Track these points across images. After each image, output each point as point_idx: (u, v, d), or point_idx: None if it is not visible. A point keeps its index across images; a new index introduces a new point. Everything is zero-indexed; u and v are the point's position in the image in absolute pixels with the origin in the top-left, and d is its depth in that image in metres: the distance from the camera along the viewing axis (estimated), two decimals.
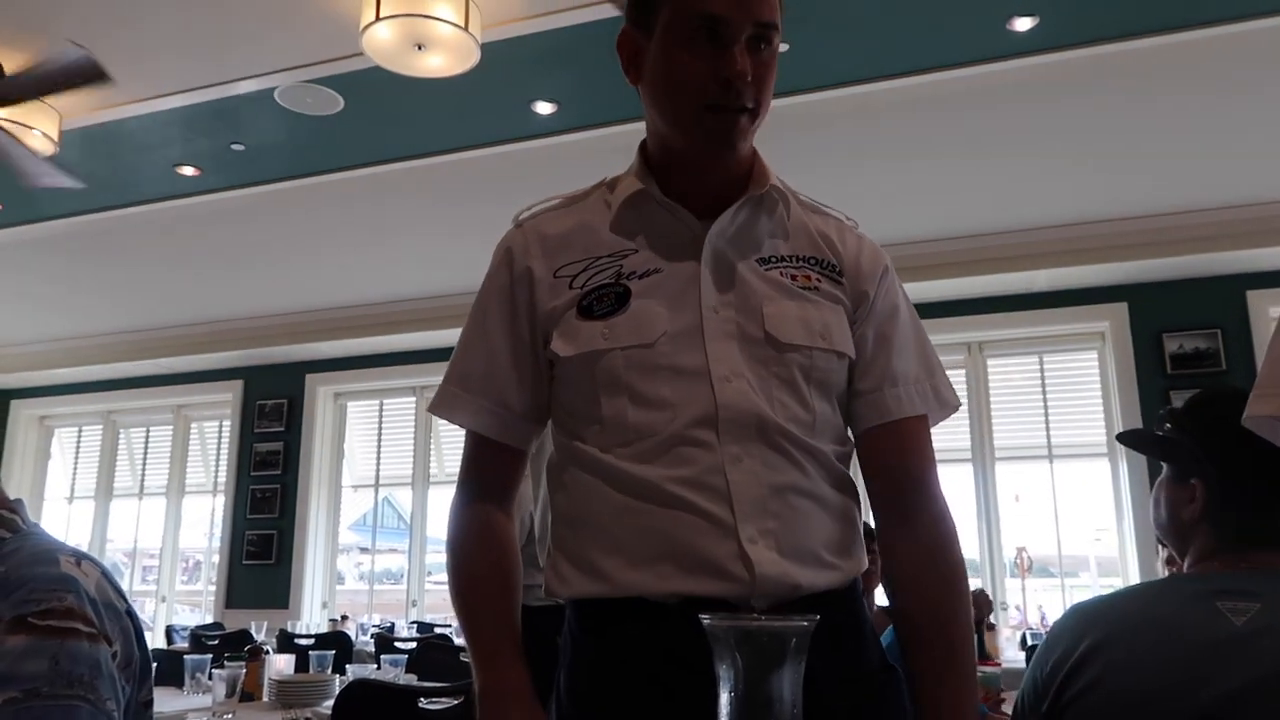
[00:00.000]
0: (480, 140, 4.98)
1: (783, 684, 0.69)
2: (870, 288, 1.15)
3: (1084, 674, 1.13)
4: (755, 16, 1.04)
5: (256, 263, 6.24)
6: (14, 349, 7.32)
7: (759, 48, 1.06)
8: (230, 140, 5.06)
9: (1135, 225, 4.93)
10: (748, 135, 1.09)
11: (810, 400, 1.09)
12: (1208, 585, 1.15)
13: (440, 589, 6.83)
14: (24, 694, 0.93)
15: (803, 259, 1.14)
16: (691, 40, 1.05)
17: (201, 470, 7.44)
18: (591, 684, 1.06)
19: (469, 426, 1.17)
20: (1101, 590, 5.53)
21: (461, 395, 1.16)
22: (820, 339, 1.09)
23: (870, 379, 1.14)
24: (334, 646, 3.86)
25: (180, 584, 7.48)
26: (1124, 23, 3.87)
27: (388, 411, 7.00)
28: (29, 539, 1.12)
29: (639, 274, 1.10)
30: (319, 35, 3.98)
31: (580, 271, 1.12)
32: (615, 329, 1.07)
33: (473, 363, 1.16)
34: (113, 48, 4.14)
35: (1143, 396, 5.09)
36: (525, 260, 1.14)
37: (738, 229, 1.13)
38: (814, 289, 1.12)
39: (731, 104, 1.05)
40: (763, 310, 1.09)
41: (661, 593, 1.02)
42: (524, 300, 1.13)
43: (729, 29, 1.04)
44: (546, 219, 1.17)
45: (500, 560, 1.14)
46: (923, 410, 1.15)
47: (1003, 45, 4.04)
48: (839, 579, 1.07)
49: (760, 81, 1.07)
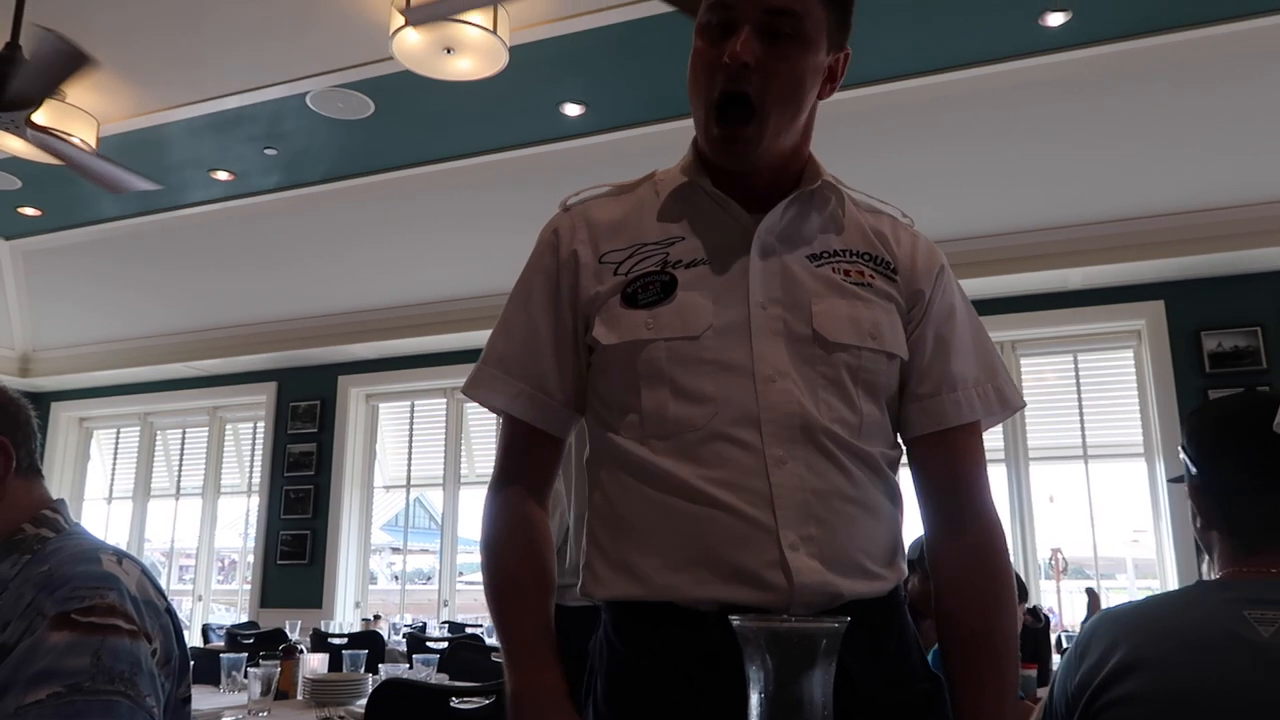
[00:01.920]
0: (509, 142, 5.01)
1: (813, 685, 0.68)
2: (925, 286, 1.12)
3: (1115, 686, 1.12)
4: (763, 2, 1.00)
5: (289, 266, 6.32)
6: (54, 352, 7.47)
7: (774, 39, 1.01)
8: (263, 145, 5.13)
9: (1172, 222, 4.85)
10: (758, 143, 1.04)
11: (857, 401, 1.05)
12: (1235, 593, 1.13)
13: (471, 589, 6.87)
14: (67, 689, 0.95)
15: (856, 254, 1.11)
16: (705, 29, 1.03)
17: (236, 471, 7.54)
18: (628, 690, 1.04)
19: (504, 410, 1.12)
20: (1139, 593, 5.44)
21: (499, 377, 1.12)
22: (870, 338, 1.06)
23: (928, 383, 1.10)
24: (367, 646, 3.89)
25: (216, 583, 7.58)
26: (1157, 16, 3.81)
27: (419, 412, 7.05)
28: (71, 538, 1.15)
29: (685, 263, 1.07)
30: (350, 40, 4.02)
31: (626, 258, 1.09)
32: (659, 319, 1.04)
33: (512, 344, 1.12)
34: (146, 55, 4.21)
35: (1180, 396, 5.01)
36: (571, 244, 1.11)
37: (788, 224, 1.09)
38: (867, 285, 1.09)
39: (726, 90, 1.01)
40: (811, 308, 1.05)
41: (698, 598, 0.99)
42: (568, 284, 1.10)
43: (732, 14, 1.01)
44: (595, 205, 1.15)
45: (536, 557, 1.09)
46: (983, 414, 1.11)
47: (1035, 41, 4.00)
48: (881, 588, 1.04)
49: (768, 72, 1.01)
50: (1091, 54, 4.06)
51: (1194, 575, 4.20)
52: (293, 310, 6.64)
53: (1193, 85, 4.17)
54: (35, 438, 1.22)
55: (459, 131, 4.93)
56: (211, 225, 6.12)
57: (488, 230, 5.54)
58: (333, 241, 6.05)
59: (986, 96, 4.34)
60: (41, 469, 1.24)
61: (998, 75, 4.22)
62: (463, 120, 4.80)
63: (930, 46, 4.06)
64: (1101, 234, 4.99)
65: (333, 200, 5.72)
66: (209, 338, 6.97)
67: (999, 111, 4.44)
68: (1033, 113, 4.41)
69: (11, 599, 1.05)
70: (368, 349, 6.65)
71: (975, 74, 4.25)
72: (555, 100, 4.59)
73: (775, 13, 1.00)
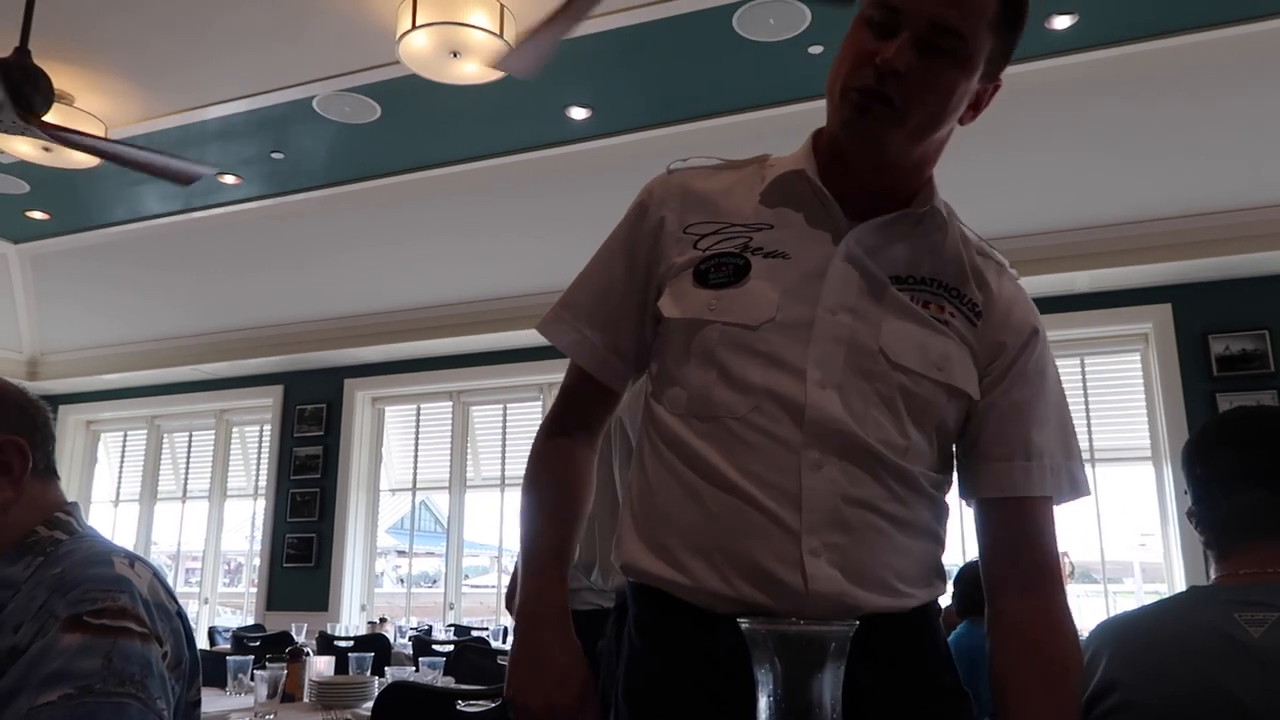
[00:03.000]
0: (515, 146, 5.02)
1: (822, 689, 0.68)
2: (1012, 341, 1.07)
3: (1109, 695, 1.12)
4: (932, 15, 0.96)
5: (296, 269, 6.33)
6: (61, 356, 7.49)
7: (932, 52, 0.97)
8: (270, 149, 5.14)
9: (1179, 224, 4.83)
10: (885, 127, 1.00)
11: (906, 427, 1.02)
12: (1226, 596, 1.14)
13: (477, 592, 6.88)
14: (78, 690, 0.96)
15: (944, 287, 1.07)
16: (865, 23, 1.01)
17: (243, 474, 7.55)
18: (646, 687, 1.05)
19: (570, 354, 1.16)
20: (1147, 598, 5.42)
21: (570, 321, 1.15)
22: (935, 369, 1.02)
23: (1004, 445, 1.06)
24: (373, 649, 3.90)
25: (222, 586, 7.59)
26: (1163, 19, 3.81)
27: (425, 416, 7.06)
28: (84, 541, 1.16)
29: (766, 252, 1.05)
30: (356, 44, 4.03)
31: (710, 233, 1.08)
32: (723, 302, 1.03)
33: (587, 293, 1.16)
34: (154, 60, 4.23)
35: (1188, 399, 4.99)
36: (661, 209, 1.11)
37: (883, 239, 1.06)
38: (945, 322, 1.05)
39: (870, 86, 0.98)
40: (882, 325, 1.02)
41: (711, 588, 0.99)
42: (648, 247, 1.11)
43: (898, 18, 0.97)
44: (697, 174, 1.14)
45: (574, 489, 1.14)
46: (1053, 493, 1.08)
47: (1041, 43, 4.00)
48: (906, 604, 1.02)
49: (915, 83, 0.98)
50: (1098, 57, 4.05)
51: (1202, 579, 4.19)
52: (299, 313, 6.66)
53: (1199, 88, 4.16)
54: (53, 440, 1.23)
55: (465, 135, 4.94)
56: (218, 229, 6.14)
57: (493, 234, 5.55)
58: (339, 245, 6.06)
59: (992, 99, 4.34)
60: (58, 472, 1.25)
61: (1005, 78, 4.22)
62: (468, 124, 4.81)
63: None
64: (1108, 237, 4.98)
65: (339, 204, 5.73)
66: (216, 341, 6.99)
67: (1004, 114, 4.42)
68: (1038, 115, 4.40)
69: (24, 601, 1.06)
70: (374, 352, 6.67)
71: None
72: (561, 104, 4.59)
73: (941, 30, 0.97)
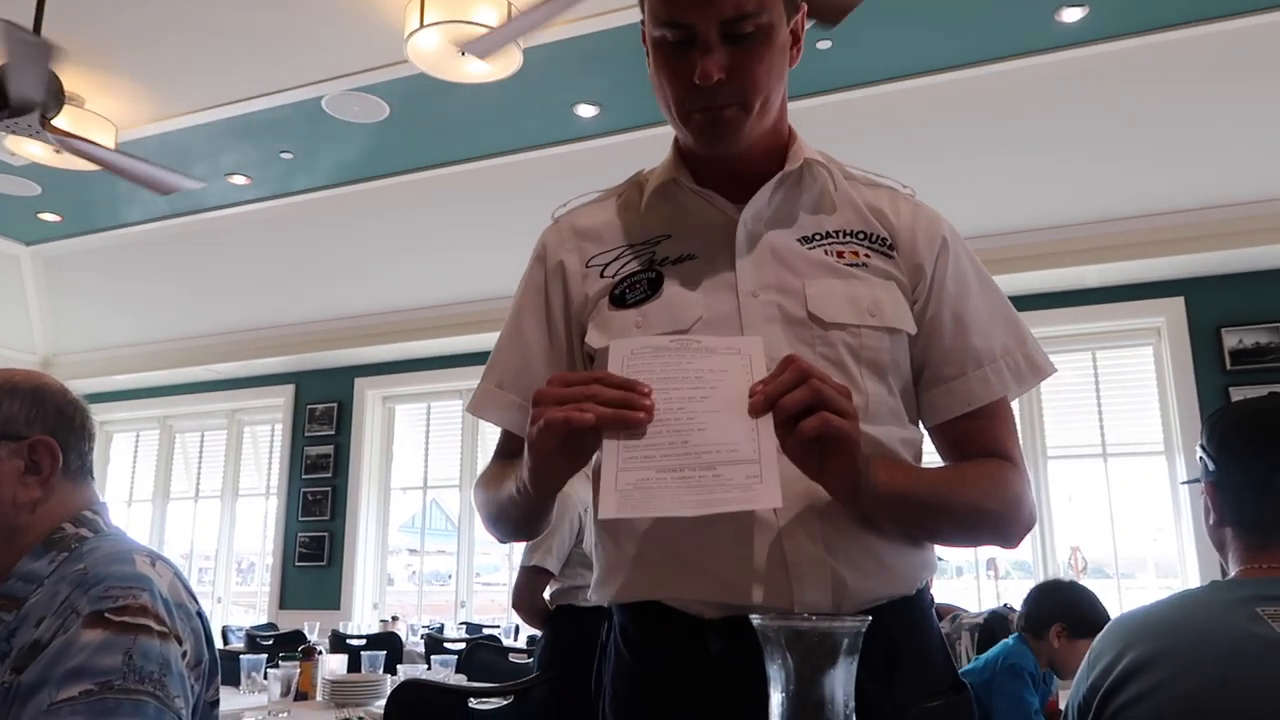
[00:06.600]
0: (524, 144, 5.02)
1: (835, 685, 0.68)
2: (927, 260, 1.08)
3: (1128, 688, 1.11)
4: (719, 15, 0.97)
5: (306, 269, 6.35)
6: (74, 356, 7.53)
7: (738, 41, 0.98)
8: (279, 149, 5.16)
9: (1191, 217, 4.80)
10: (742, 127, 1.02)
11: (861, 382, 1.02)
12: (1247, 591, 1.13)
13: (489, 590, 6.89)
14: (99, 686, 0.96)
15: (849, 234, 1.08)
16: (660, 45, 1.01)
17: (254, 473, 7.58)
18: (630, 694, 1.05)
19: (498, 423, 1.15)
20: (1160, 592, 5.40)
21: (494, 392, 1.15)
22: (869, 316, 1.03)
23: (953, 364, 1.07)
24: (385, 647, 3.91)
25: (235, 585, 7.62)
26: (1175, 11, 3.79)
27: (435, 414, 7.07)
28: (108, 539, 1.17)
29: (673, 260, 1.07)
30: (364, 44, 4.04)
31: (612, 260, 1.10)
32: (648, 316, 1.04)
33: (506, 361, 1.16)
34: (164, 61, 4.24)
35: (1201, 393, 4.96)
36: (558, 254, 1.13)
37: (775, 209, 1.08)
38: (862, 265, 1.06)
39: (710, 105, 1.00)
40: (805, 290, 1.03)
41: (697, 597, 0.98)
42: (558, 294, 1.12)
43: (691, 33, 0.98)
44: (581, 213, 1.16)
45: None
46: (1014, 384, 1.07)
47: (1052, 36, 3.98)
48: (896, 586, 1.01)
49: (743, 74, 0.99)
50: (1108, 49, 4.03)
51: (1215, 574, 4.16)
52: (310, 313, 6.68)
53: (1211, 80, 4.14)
54: (89, 441, 1.23)
55: (473, 134, 4.94)
56: (229, 229, 6.16)
57: (503, 232, 5.55)
58: (348, 244, 6.08)
59: (1003, 93, 4.32)
60: (93, 473, 1.25)
61: (1014, 71, 4.20)
62: (477, 122, 4.82)
63: (946, 43, 4.04)
64: (1120, 230, 4.96)
65: (348, 203, 5.74)
66: (227, 341, 7.02)
67: (1015, 107, 4.41)
68: (1049, 108, 4.38)
69: (47, 595, 1.07)
70: (384, 351, 6.68)
71: (992, 70, 4.22)
72: (569, 102, 4.59)
73: (734, 19, 0.97)
